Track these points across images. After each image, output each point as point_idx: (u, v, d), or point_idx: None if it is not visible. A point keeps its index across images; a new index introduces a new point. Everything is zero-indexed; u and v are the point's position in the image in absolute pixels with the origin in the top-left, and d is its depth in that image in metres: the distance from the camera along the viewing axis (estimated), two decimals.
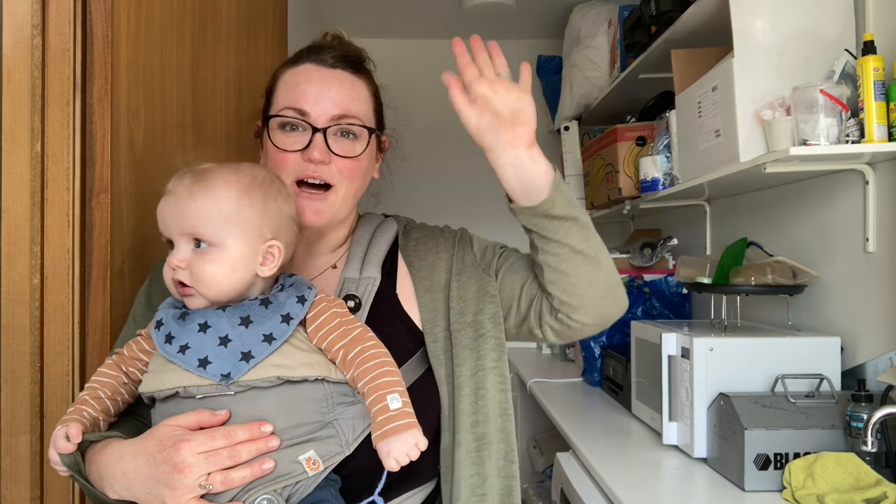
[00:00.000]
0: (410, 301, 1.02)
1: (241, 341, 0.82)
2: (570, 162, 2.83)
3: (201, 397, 0.82)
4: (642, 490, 1.30)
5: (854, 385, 1.29)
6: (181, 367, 0.82)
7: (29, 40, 1.03)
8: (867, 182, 1.41)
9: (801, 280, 1.55)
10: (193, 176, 0.85)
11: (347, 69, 1.00)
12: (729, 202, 2.04)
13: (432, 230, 1.12)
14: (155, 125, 1.22)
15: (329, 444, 0.83)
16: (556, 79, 3.04)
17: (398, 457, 0.79)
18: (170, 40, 1.27)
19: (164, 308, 0.88)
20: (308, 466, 0.81)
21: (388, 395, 0.82)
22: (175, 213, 0.84)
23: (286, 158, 0.95)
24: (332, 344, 0.86)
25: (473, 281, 1.02)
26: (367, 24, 3.07)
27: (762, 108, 1.40)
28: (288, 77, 1.00)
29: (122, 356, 0.92)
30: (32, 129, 1.03)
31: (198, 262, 0.83)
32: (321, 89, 0.96)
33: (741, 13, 1.43)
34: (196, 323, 0.83)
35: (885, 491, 1.13)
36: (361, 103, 0.99)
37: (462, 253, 1.05)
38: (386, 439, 0.80)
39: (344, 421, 0.85)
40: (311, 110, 0.95)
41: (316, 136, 0.94)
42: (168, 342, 0.83)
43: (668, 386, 1.53)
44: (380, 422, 0.81)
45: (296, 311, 0.86)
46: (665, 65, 1.83)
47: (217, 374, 0.81)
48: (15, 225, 1.03)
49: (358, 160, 0.98)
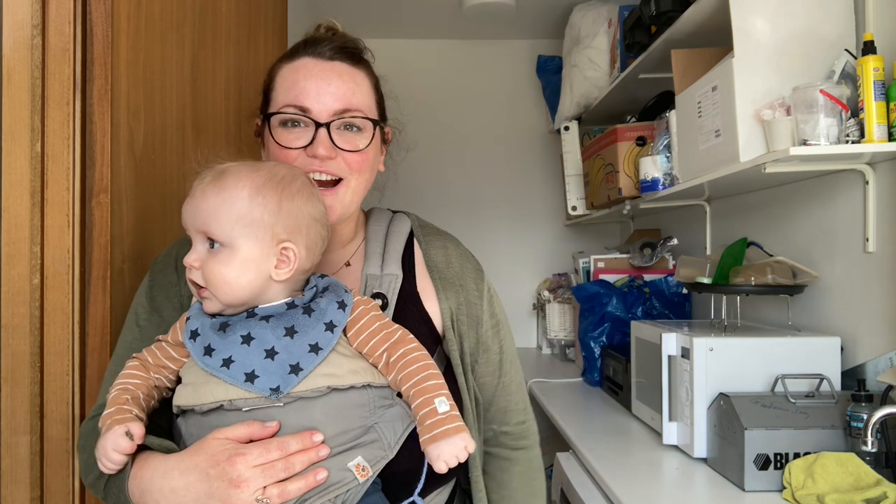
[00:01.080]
0: (431, 300, 1.01)
1: (289, 353, 0.80)
2: (570, 162, 2.83)
3: (248, 409, 0.79)
4: (642, 490, 1.30)
5: (854, 385, 1.29)
6: (226, 381, 0.79)
7: (29, 40, 1.03)
8: (867, 182, 1.41)
9: (801, 280, 1.55)
10: (212, 174, 0.84)
11: (346, 61, 0.98)
12: (729, 202, 2.04)
13: (443, 233, 1.12)
14: (155, 125, 1.22)
15: (373, 448, 0.82)
16: (556, 79, 3.04)
17: (448, 459, 0.80)
18: (170, 40, 1.27)
19: (197, 316, 0.84)
20: (358, 473, 0.80)
21: (436, 398, 0.82)
22: (191, 211, 0.83)
23: (289, 156, 0.93)
24: (374, 348, 0.85)
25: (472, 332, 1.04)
26: (367, 24, 3.07)
27: (762, 108, 1.40)
28: (286, 73, 0.97)
29: (145, 362, 0.88)
30: (32, 129, 1.03)
31: (209, 263, 0.81)
32: (321, 84, 0.94)
33: (741, 13, 1.43)
34: (238, 335, 0.80)
35: (885, 491, 1.13)
36: (363, 95, 0.97)
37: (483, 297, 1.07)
38: (436, 442, 0.80)
39: (384, 424, 0.84)
40: (313, 106, 0.93)
41: (319, 132, 0.92)
42: (208, 354, 0.80)
43: (668, 386, 1.53)
44: (429, 425, 0.81)
45: (338, 318, 0.84)
46: (665, 65, 1.83)
47: (266, 389, 0.78)
48: (15, 225, 1.03)
49: (364, 153, 0.96)
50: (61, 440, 1.04)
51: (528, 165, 3.32)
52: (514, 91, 3.32)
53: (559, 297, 2.76)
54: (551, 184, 3.30)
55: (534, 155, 3.33)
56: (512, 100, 3.32)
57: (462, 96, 3.25)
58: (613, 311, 2.20)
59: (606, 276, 2.41)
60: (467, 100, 3.25)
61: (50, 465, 1.04)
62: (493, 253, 3.24)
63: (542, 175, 3.32)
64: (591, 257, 2.57)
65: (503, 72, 3.32)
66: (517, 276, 3.21)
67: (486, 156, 3.27)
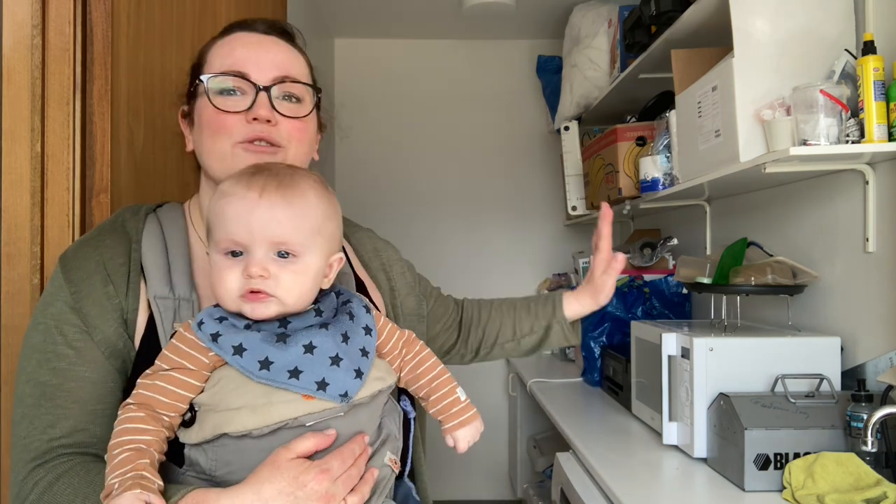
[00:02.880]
0: (372, 288, 1.05)
1: (349, 359, 0.80)
2: (570, 162, 2.83)
3: (312, 423, 0.77)
4: (642, 490, 1.30)
5: (854, 385, 1.29)
6: (297, 392, 0.75)
7: (29, 40, 1.03)
8: (867, 182, 1.41)
9: (801, 280, 1.55)
10: (280, 181, 0.78)
11: (282, 37, 0.94)
12: (729, 202, 2.04)
13: (361, 226, 1.16)
14: (155, 125, 1.22)
15: (391, 441, 0.86)
16: (556, 79, 3.04)
17: (470, 441, 0.90)
18: (170, 40, 1.27)
19: (230, 332, 0.76)
20: (393, 466, 0.85)
21: (456, 388, 0.91)
22: (260, 223, 0.76)
23: (226, 121, 0.87)
24: (395, 345, 0.90)
25: (411, 298, 1.11)
26: (367, 24, 3.07)
27: (762, 108, 1.40)
28: (220, 46, 0.91)
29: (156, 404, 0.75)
30: (32, 129, 1.03)
31: (284, 273, 0.77)
32: (259, 51, 0.90)
33: (741, 13, 1.43)
34: (300, 345, 0.77)
35: (885, 491, 1.13)
36: (301, 67, 0.94)
37: (404, 264, 1.15)
38: (463, 427, 0.90)
39: (388, 418, 0.87)
40: (252, 71, 0.88)
41: (259, 95, 0.87)
42: (265, 368, 0.75)
43: (668, 386, 1.53)
44: (455, 412, 0.90)
45: (370, 321, 0.86)
46: (665, 65, 1.83)
47: (336, 395, 0.77)
48: (15, 225, 1.03)
49: (305, 122, 0.91)
50: None
51: (528, 165, 3.32)
52: (514, 91, 3.32)
53: None
54: (551, 184, 3.30)
55: (534, 155, 3.33)
56: (512, 100, 3.32)
57: (462, 96, 3.25)
58: (613, 311, 2.20)
59: None
60: (467, 100, 3.25)
61: None
62: (493, 253, 3.24)
63: (542, 175, 3.32)
64: (591, 257, 2.56)
65: (503, 72, 3.32)
66: (517, 275, 3.21)
67: (486, 156, 3.28)
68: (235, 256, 0.77)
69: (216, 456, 0.76)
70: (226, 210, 0.76)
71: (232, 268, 0.76)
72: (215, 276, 0.78)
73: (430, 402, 0.91)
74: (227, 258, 0.77)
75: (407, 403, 0.95)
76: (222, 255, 0.77)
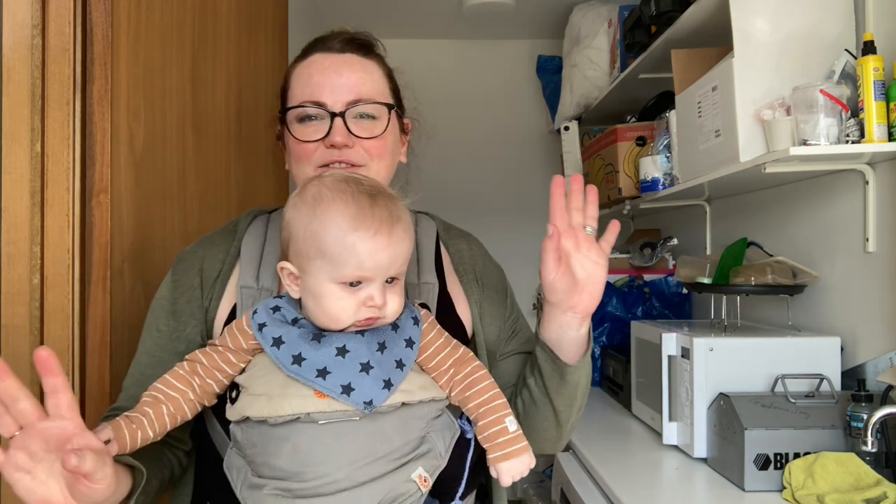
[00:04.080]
0: (461, 302, 1.02)
1: (381, 368, 0.80)
2: (570, 162, 2.82)
3: (324, 422, 0.78)
4: (642, 490, 1.30)
5: (854, 385, 1.29)
6: (322, 392, 0.78)
7: (29, 40, 1.03)
8: (867, 182, 1.41)
9: (801, 280, 1.55)
10: (391, 213, 0.81)
11: (357, 52, 0.99)
12: (729, 202, 2.04)
13: (466, 234, 1.13)
14: (155, 125, 1.22)
15: (429, 458, 0.83)
16: (556, 79, 3.04)
17: (515, 475, 0.84)
18: (170, 40, 1.27)
19: (275, 323, 0.82)
20: (421, 483, 0.81)
21: (506, 417, 0.85)
22: (389, 258, 0.80)
23: (307, 149, 0.94)
24: (441, 363, 0.86)
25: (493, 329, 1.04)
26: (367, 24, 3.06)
27: (762, 108, 1.40)
28: (299, 71, 0.99)
29: (198, 366, 0.84)
30: (32, 129, 1.03)
31: (392, 296, 0.82)
32: (332, 77, 0.95)
33: (741, 13, 1.43)
34: (334, 346, 0.79)
35: (885, 491, 1.13)
36: (375, 84, 0.98)
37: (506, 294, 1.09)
38: (509, 460, 0.83)
39: (435, 433, 0.85)
40: (327, 99, 0.94)
41: (335, 121, 0.93)
42: (297, 363, 0.78)
43: (668, 386, 1.53)
44: (501, 443, 0.84)
45: (415, 333, 0.85)
46: (665, 65, 1.83)
47: (360, 402, 0.78)
48: (15, 225, 1.03)
49: (382, 139, 0.96)
50: None
51: (528, 165, 3.32)
52: (514, 91, 3.32)
53: None
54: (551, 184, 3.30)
55: (534, 155, 3.33)
56: (512, 100, 3.32)
57: (462, 96, 3.25)
58: (613, 311, 2.20)
59: (606, 276, 2.41)
60: (467, 100, 3.25)
61: None
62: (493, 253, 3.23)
63: (542, 175, 3.32)
64: None
65: (503, 72, 3.31)
66: (517, 275, 3.19)
67: (486, 156, 3.27)
68: (353, 286, 0.80)
69: (246, 436, 0.81)
70: (357, 247, 0.78)
71: (351, 297, 0.80)
72: (332, 303, 0.80)
73: (477, 427, 0.86)
74: (346, 288, 0.80)
75: (465, 423, 0.90)
76: (340, 284, 0.80)
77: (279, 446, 0.78)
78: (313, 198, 0.81)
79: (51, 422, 0.72)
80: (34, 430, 0.71)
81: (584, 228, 0.90)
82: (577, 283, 0.89)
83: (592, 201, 0.92)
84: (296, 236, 0.81)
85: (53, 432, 0.72)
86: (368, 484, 0.78)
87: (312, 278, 0.80)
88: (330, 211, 0.79)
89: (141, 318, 1.17)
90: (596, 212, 0.92)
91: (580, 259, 0.89)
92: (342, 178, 0.84)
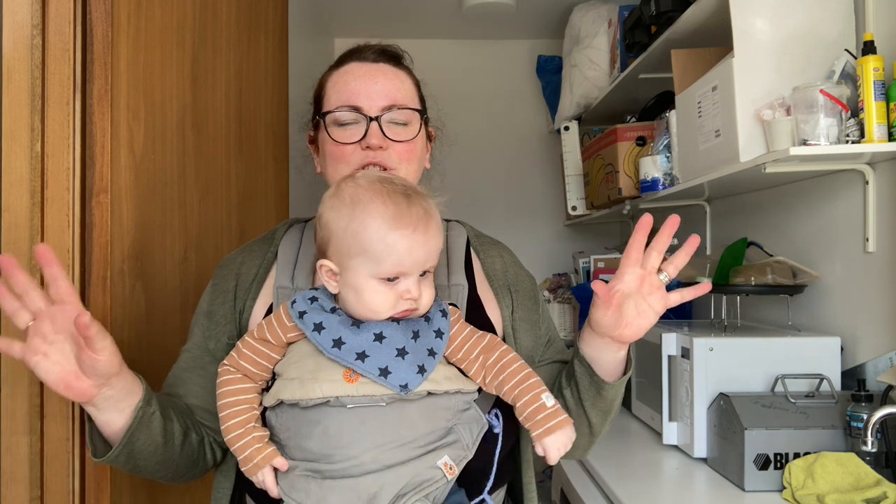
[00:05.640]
0: (492, 306, 1.05)
1: (415, 354, 0.84)
2: (570, 162, 2.83)
3: (352, 406, 0.82)
4: (642, 490, 1.30)
5: (854, 385, 1.29)
6: (361, 373, 0.82)
7: (29, 40, 1.03)
8: (867, 182, 1.41)
9: (801, 280, 1.55)
10: (426, 212, 0.86)
11: (389, 62, 1.05)
12: (729, 202, 2.04)
13: (497, 242, 1.17)
14: (155, 125, 1.22)
15: (456, 448, 0.86)
16: (556, 79, 3.04)
17: (561, 448, 0.85)
18: (170, 40, 1.27)
19: (314, 311, 0.86)
20: (446, 471, 0.84)
21: (542, 394, 0.86)
22: (423, 252, 0.85)
23: (344, 151, 1.00)
24: (469, 352, 0.89)
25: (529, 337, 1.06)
26: (367, 24, 3.07)
27: (762, 108, 1.40)
28: (336, 78, 1.04)
29: (247, 372, 0.89)
30: (32, 129, 1.03)
31: (424, 289, 0.87)
32: (368, 83, 1.01)
33: (741, 13, 1.43)
34: (372, 332, 0.84)
35: (885, 491, 1.13)
36: (406, 91, 1.04)
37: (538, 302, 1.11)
38: (552, 434, 0.85)
39: (462, 425, 0.88)
40: (363, 104, 1.00)
41: (371, 125, 0.99)
42: (337, 347, 0.83)
43: (668, 386, 1.53)
44: (541, 419, 0.85)
45: (444, 325, 0.89)
46: (665, 65, 1.83)
47: (396, 385, 0.82)
48: (15, 225, 1.03)
49: (413, 143, 1.03)
50: (61, 440, 1.04)
51: (528, 165, 3.32)
52: (514, 91, 3.32)
53: (559, 297, 2.76)
54: (551, 184, 3.30)
55: (534, 155, 3.33)
56: (512, 100, 3.32)
57: (462, 96, 3.24)
58: None
59: (606, 276, 2.41)
60: (467, 100, 3.24)
61: (50, 465, 1.04)
62: None
63: (542, 175, 3.32)
64: (591, 257, 2.57)
65: (503, 72, 3.31)
66: None
67: (486, 156, 3.27)
68: (391, 281, 0.84)
69: (279, 421, 0.86)
70: (397, 245, 0.83)
71: (389, 291, 0.84)
72: (371, 297, 0.84)
73: (516, 409, 0.88)
74: (385, 283, 0.84)
75: (493, 417, 0.93)
76: (380, 279, 0.84)
77: (310, 429, 0.83)
78: (351, 198, 0.85)
79: (55, 306, 0.84)
80: (44, 315, 0.84)
81: (657, 272, 0.89)
82: (623, 319, 0.89)
83: (686, 251, 0.89)
84: (336, 235, 0.85)
85: (59, 314, 0.84)
86: (394, 468, 0.81)
87: (353, 274, 0.85)
88: (369, 211, 0.84)
89: (141, 317, 1.17)
90: (684, 261, 0.89)
91: (637, 300, 0.89)
92: (376, 179, 0.88)
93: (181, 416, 0.96)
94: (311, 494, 0.81)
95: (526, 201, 3.30)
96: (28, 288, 0.84)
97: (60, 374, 0.84)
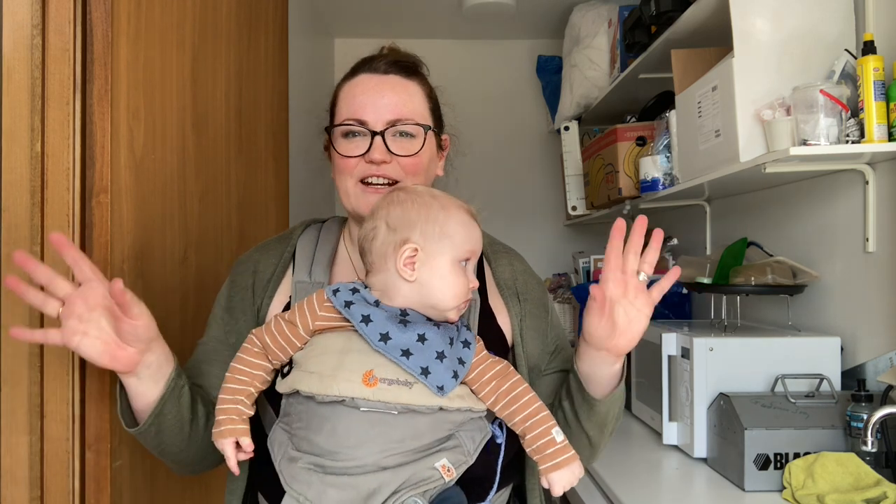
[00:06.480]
0: (502, 314, 1.06)
1: (451, 360, 0.88)
2: (570, 162, 2.83)
3: (365, 410, 0.84)
4: (642, 490, 1.30)
5: (854, 385, 1.29)
6: (406, 369, 0.85)
7: (29, 40, 1.03)
8: (867, 182, 1.41)
9: (801, 280, 1.55)
10: (463, 201, 0.97)
11: (399, 73, 1.06)
12: (729, 202, 2.04)
13: (509, 249, 1.17)
14: (155, 125, 1.22)
15: (456, 453, 0.88)
16: (556, 79, 3.04)
17: (566, 485, 0.89)
18: (170, 40, 1.27)
19: (361, 303, 0.89)
20: (444, 472, 0.86)
21: (552, 429, 0.89)
22: (476, 238, 0.94)
23: (349, 163, 1.02)
24: (483, 373, 0.91)
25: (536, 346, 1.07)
26: (367, 23, 3.07)
27: (762, 108, 1.41)
28: (346, 90, 1.06)
29: (266, 346, 0.92)
30: (32, 129, 1.03)
31: (472, 277, 0.93)
32: (375, 97, 1.02)
33: (741, 13, 1.43)
34: (416, 332, 0.87)
35: (885, 491, 1.13)
36: (415, 105, 1.05)
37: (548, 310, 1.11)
38: (559, 470, 0.88)
39: (464, 433, 0.90)
40: (369, 118, 1.01)
41: (375, 140, 1.00)
42: (383, 341, 0.86)
43: (668, 386, 1.53)
44: (550, 454, 0.88)
45: (469, 337, 0.92)
46: (665, 65, 1.83)
47: (434, 385, 0.85)
48: (15, 225, 1.03)
49: (418, 156, 1.03)
50: (61, 440, 1.04)
51: (528, 165, 3.32)
52: (514, 91, 3.32)
53: (559, 297, 2.76)
54: (551, 184, 3.30)
55: (534, 155, 3.33)
56: (512, 100, 3.32)
57: (462, 96, 3.23)
58: None
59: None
60: (467, 100, 3.24)
61: (50, 465, 1.04)
62: None
63: (542, 175, 3.32)
64: (591, 257, 2.56)
65: (503, 72, 3.32)
66: None
67: (486, 156, 3.27)
68: (462, 266, 0.92)
69: (293, 410, 0.89)
70: (470, 229, 0.93)
71: (463, 276, 0.91)
72: (457, 279, 0.90)
73: (525, 440, 0.91)
74: (460, 267, 0.91)
75: (496, 428, 0.95)
76: (457, 263, 0.91)
77: (321, 424, 0.85)
78: (429, 195, 0.94)
79: (83, 286, 0.88)
80: (74, 297, 0.88)
81: (636, 274, 0.93)
82: (617, 328, 0.91)
83: (654, 247, 0.93)
84: (422, 220, 0.91)
85: (89, 292, 0.88)
86: (393, 469, 0.83)
87: (439, 258, 0.90)
88: (448, 202, 0.94)
89: None
90: (655, 257, 0.94)
91: (625, 306, 0.91)
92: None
93: (205, 402, 1.00)
94: (312, 486, 0.83)
95: (526, 201, 3.30)
96: (52, 276, 0.88)
97: (103, 347, 0.88)
